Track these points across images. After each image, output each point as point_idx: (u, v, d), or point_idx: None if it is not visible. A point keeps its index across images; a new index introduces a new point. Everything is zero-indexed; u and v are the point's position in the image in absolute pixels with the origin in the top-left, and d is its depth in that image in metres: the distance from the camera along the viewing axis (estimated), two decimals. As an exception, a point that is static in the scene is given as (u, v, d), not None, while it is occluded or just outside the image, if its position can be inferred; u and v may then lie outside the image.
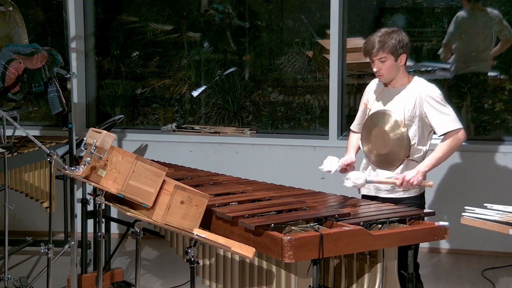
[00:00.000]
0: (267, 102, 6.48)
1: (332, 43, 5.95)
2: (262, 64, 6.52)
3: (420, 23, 6.21)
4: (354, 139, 4.24)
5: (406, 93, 3.94)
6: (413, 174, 3.83)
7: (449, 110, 3.90)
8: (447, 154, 3.92)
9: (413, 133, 3.92)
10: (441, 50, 6.12)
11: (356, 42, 6.13)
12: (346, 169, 4.03)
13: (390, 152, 3.96)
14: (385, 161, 4.00)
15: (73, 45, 6.19)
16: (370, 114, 4.07)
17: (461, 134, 3.91)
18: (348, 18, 6.05)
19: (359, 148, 4.19)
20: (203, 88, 6.60)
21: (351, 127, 4.30)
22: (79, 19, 6.42)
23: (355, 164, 4.12)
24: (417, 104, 3.90)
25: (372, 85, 4.14)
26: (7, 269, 4.55)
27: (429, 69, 6.18)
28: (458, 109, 6.14)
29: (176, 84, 6.65)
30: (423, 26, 6.19)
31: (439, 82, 6.15)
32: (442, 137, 3.93)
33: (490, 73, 6.08)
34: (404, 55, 3.88)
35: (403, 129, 3.91)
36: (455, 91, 6.13)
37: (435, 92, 3.92)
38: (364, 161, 4.16)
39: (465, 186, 5.75)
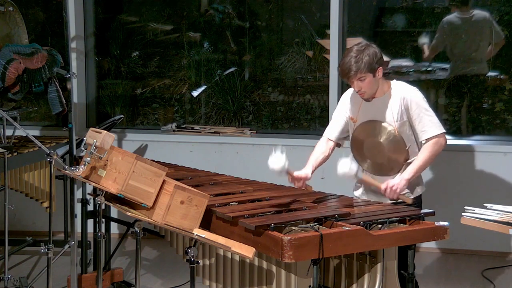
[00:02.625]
0: (267, 102, 6.48)
1: (332, 43, 5.96)
2: (262, 64, 6.52)
3: (420, 23, 6.21)
4: (318, 153, 4.07)
5: (390, 99, 3.93)
6: (397, 182, 3.84)
7: (432, 115, 3.92)
8: (430, 160, 3.92)
9: (406, 137, 3.93)
10: (427, 50, 6.13)
11: (356, 42, 6.12)
12: (295, 182, 3.90)
13: (389, 160, 3.96)
14: (384, 169, 4.00)
15: (73, 45, 6.20)
16: (357, 126, 4.03)
17: (443, 139, 3.92)
18: (348, 18, 6.05)
19: (320, 164, 4.05)
20: (203, 88, 6.60)
21: (327, 135, 4.12)
22: (79, 19, 6.42)
23: (308, 181, 3.96)
24: (403, 110, 3.90)
25: (348, 95, 4.10)
26: (7, 269, 4.55)
27: (429, 69, 6.18)
28: (458, 109, 6.15)
29: (176, 84, 6.65)
30: (423, 26, 6.19)
31: (438, 82, 6.15)
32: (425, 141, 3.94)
33: (490, 73, 6.08)
34: (380, 67, 3.87)
35: (397, 135, 3.91)
36: (455, 91, 6.13)
37: (418, 96, 3.93)
38: (359, 170, 4.14)
39: (465, 186, 5.75)
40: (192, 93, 6.61)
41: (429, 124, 3.90)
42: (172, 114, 6.65)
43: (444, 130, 3.93)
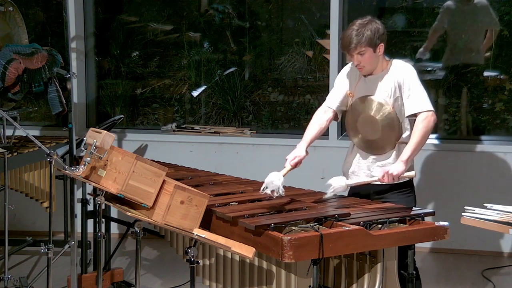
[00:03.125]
0: (267, 102, 6.48)
1: (332, 43, 5.95)
2: (262, 64, 6.52)
3: (420, 23, 6.21)
4: (316, 126, 4.02)
5: (387, 77, 3.91)
6: (394, 167, 3.76)
7: (423, 91, 3.87)
8: (423, 139, 3.82)
9: (399, 112, 3.90)
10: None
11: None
12: (296, 166, 3.90)
13: (381, 136, 3.92)
14: (374, 147, 3.97)
15: (73, 45, 6.19)
16: (353, 101, 4.01)
17: (431, 116, 3.82)
18: (348, 18, 6.04)
19: (316, 137, 4.02)
20: (203, 88, 6.60)
21: (328, 104, 4.05)
22: (79, 19, 6.42)
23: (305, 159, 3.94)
24: (397, 86, 3.88)
25: (347, 70, 4.08)
26: (7, 269, 4.55)
27: (429, 69, 6.18)
28: (458, 109, 6.15)
29: (176, 84, 6.65)
30: (423, 26, 6.19)
31: (438, 82, 6.15)
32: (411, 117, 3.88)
33: (490, 73, 6.08)
34: (382, 44, 3.84)
35: (392, 112, 3.89)
36: (455, 91, 6.13)
37: (411, 72, 3.90)
38: (350, 147, 4.12)
39: (465, 186, 5.75)
40: (192, 93, 6.61)
41: (419, 99, 3.84)
42: (172, 114, 6.65)
43: (432, 108, 3.85)
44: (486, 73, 6.08)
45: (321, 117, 4.06)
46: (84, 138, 3.55)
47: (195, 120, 6.59)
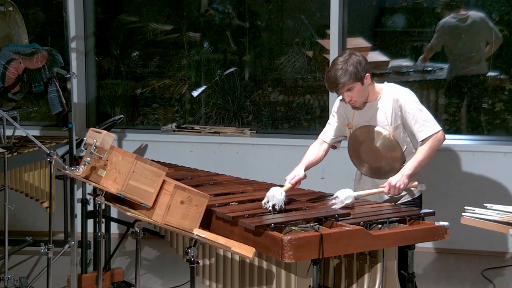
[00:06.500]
0: (267, 102, 6.48)
1: (332, 43, 5.96)
2: (262, 64, 6.52)
3: (420, 23, 6.21)
4: (313, 153, 4.07)
5: (383, 103, 3.92)
6: (398, 178, 3.82)
7: (426, 114, 3.90)
8: (429, 156, 3.89)
9: (401, 140, 3.92)
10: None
11: (356, 42, 6.13)
12: (296, 185, 3.91)
13: (386, 161, 3.96)
14: (382, 172, 3.99)
15: (73, 45, 6.20)
16: (352, 132, 4.03)
17: (441, 135, 3.89)
18: (348, 18, 6.05)
19: (313, 164, 4.04)
20: (203, 88, 6.60)
21: (322, 138, 4.12)
22: (79, 19, 6.42)
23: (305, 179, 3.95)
24: (397, 112, 3.89)
25: (340, 102, 4.08)
26: (7, 269, 4.55)
27: (429, 69, 6.18)
28: (458, 109, 6.15)
29: (176, 84, 6.65)
30: (423, 26, 6.19)
31: (438, 82, 6.15)
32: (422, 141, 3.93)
33: (490, 73, 6.08)
34: (367, 74, 3.84)
35: (392, 139, 3.90)
36: (455, 91, 6.13)
37: (411, 98, 3.92)
38: (357, 174, 4.15)
39: (465, 186, 5.75)
40: (192, 93, 6.61)
41: (425, 124, 3.88)
42: (172, 114, 6.66)
43: (440, 128, 3.90)
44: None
45: (317, 148, 4.10)
46: (84, 138, 3.55)
47: (195, 120, 6.59)
